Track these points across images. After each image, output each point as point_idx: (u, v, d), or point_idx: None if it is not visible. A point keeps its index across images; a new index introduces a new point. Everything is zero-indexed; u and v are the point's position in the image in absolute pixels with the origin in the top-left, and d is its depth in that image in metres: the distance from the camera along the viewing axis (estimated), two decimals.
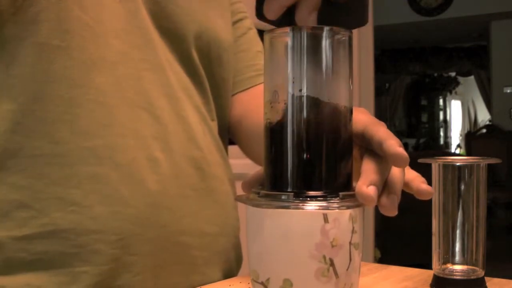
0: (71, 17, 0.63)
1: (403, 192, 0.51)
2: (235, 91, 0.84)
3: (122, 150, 0.64)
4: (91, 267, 0.62)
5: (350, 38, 0.48)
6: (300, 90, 0.47)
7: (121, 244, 0.63)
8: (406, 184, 0.54)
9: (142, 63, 0.67)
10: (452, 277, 0.66)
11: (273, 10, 0.49)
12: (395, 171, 0.50)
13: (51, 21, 0.62)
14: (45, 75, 0.62)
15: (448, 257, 0.67)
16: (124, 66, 0.66)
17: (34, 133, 0.62)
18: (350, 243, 0.47)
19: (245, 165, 0.90)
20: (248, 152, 0.85)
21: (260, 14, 0.50)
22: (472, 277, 0.66)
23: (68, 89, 0.63)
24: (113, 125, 0.64)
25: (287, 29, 0.47)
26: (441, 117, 10.12)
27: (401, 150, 0.47)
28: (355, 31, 0.52)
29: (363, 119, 0.52)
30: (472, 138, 6.65)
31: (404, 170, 0.51)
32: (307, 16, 0.49)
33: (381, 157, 0.49)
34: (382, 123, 0.54)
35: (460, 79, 9.45)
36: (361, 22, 0.50)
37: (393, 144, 0.47)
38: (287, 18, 0.50)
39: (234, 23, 0.85)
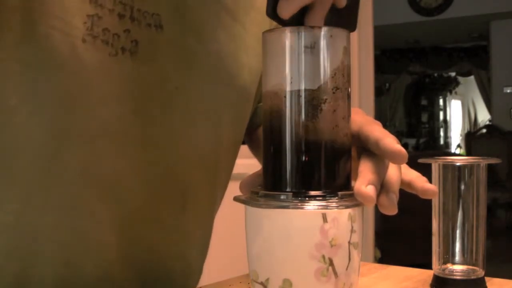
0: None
1: (403, 193, 0.51)
2: None
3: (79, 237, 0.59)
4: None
5: (348, 38, 0.48)
6: (299, 90, 0.46)
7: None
8: (408, 184, 0.54)
9: (125, 137, 0.60)
10: (452, 277, 0.66)
11: (288, 9, 0.48)
12: (391, 170, 0.50)
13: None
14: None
15: (448, 257, 0.67)
16: (103, 142, 0.58)
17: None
18: (349, 242, 0.46)
19: (245, 165, 0.90)
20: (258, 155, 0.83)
21: (271, 12, 0.49)
22: (472, 277, 0.66)
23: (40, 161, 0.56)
24: (76, 208, 0.59)
25: (285, 29, 0.47)
26: (441, 117, 10.12)
27: (398, 147, 0.47)
28: (355, 31, 0.53)
29: (358, 119, 0.52)
30: (472, 138, 6.66)
31: (400, 168, 0.51)
32: (318, 20, 0.48)
33: (378, 157, 0.49)
34: (377, 122, 0.53)
35: (460, 79, 9.45)
36: (352, 28, 0.51)
37: (390, 142, 0.47)
38: (297, 20, 0.49)
39: None
